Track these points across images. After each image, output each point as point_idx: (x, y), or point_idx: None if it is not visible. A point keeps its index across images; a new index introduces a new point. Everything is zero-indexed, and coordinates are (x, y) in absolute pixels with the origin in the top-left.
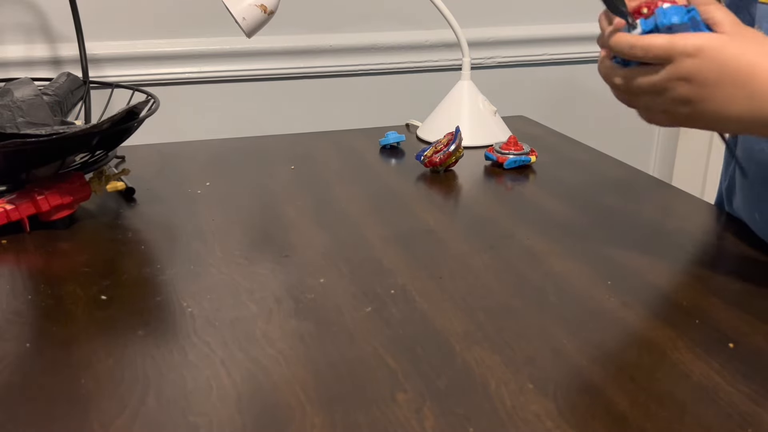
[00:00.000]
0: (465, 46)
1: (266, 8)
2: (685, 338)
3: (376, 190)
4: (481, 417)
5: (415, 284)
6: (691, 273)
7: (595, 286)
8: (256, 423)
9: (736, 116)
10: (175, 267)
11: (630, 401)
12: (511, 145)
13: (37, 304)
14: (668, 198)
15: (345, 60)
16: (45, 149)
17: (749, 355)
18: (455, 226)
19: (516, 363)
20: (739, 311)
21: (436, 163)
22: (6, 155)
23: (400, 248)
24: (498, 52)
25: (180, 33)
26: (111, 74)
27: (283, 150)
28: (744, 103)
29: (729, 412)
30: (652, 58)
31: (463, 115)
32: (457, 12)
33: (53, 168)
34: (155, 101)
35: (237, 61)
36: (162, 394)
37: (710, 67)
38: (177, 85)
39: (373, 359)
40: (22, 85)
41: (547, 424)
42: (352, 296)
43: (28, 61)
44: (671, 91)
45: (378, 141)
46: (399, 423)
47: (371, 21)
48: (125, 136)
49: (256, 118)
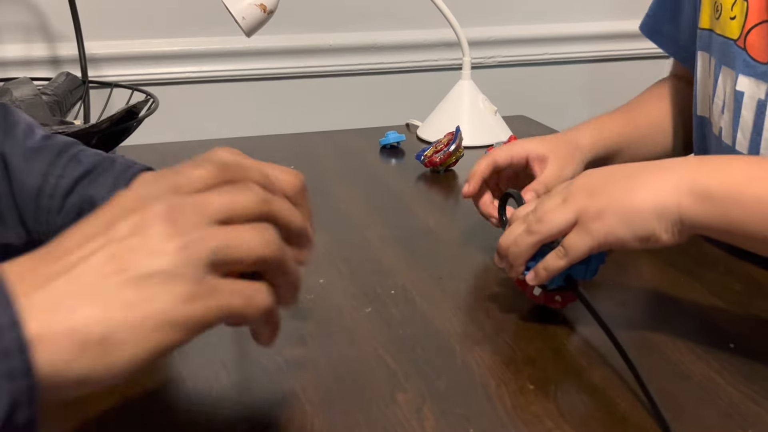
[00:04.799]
0: (465, 46)
1: (266, 7)
2: (685, 338)
3: (376, 190)
4: (481, 417)
5: (415, 284)
6: (691, 273)
7: (595, 286)
8: (257, 423)
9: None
10: None
11: (630, 401)
12: None
13: None
14: None
15: (345, 59)
16: None
17: (749, 355)
18: (455, 226)
19: (516, 363)
20: (739, 311)
21: (436, 163)
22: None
23: (400, 248)
24: (498, 52)
25: (179, 32)
26: (110, 74)
27: (283, 150)
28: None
29: (729, 413)
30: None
31: (464, 114)
32: (457, 11)
33: None
34: (154, 101)
35: (236, 61)
36: (162, 394)
37: (598, 173)
38: (176, 84)
39: (373, 359)
40: (21, 85)
41: (547, 424)
42: (352, 296)
43: (27, 60)
44: (571, 186)
45: (378, 141)
46: (399, 423)
47: (371, 20)
48: (124, 135)
49: (256, 117)
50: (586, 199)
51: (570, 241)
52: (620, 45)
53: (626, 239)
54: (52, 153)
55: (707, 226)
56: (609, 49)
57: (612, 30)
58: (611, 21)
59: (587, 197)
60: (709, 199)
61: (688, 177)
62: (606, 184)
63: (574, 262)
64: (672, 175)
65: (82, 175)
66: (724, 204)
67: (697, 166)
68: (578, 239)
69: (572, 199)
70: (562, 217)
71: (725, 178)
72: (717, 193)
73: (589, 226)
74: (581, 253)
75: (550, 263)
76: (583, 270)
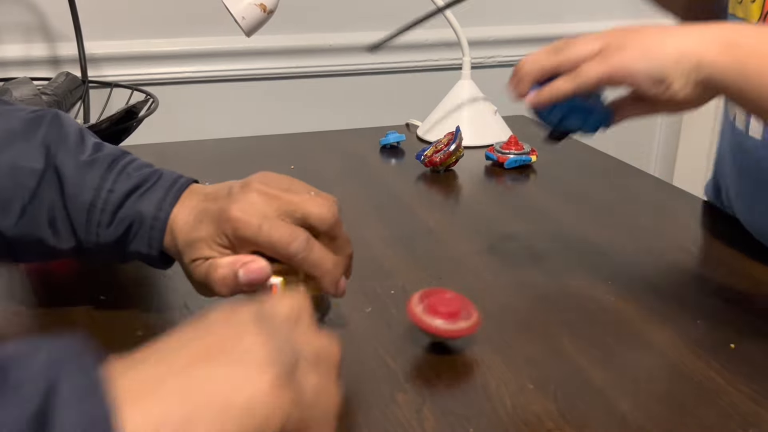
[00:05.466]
0: (465, 46)
1: (265, 7)
2: (685, 338)
3: (376, 190)
4: (481, 417)
5: (415, 284)
6: (691, 273)
7: (595, 286)
8: None
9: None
10: (175, 267)
11: (630, 401)
12: (512, 145)
13: (37, 304)
14: (668, 198)
15: (345, 59)
16: None
17: (749, 355)
18: (455, 226)
19: (516, 363)
20: (739, 311)
21: (436, 163)
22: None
23: (400, 248)
24: (498, 52)
25: (179, 32)
26: (110, 74)
27: (283, 150)
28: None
29: (729, 412)
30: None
31: (464, 114)
32: (457, 11)
33: None
34: (154, 101)
35: (236, 61)
36: None
37: (640, 26)
38: (176, 84)
39: (373, 359)
40: (20, 85)
41: (547, 424)
42: (352, 296)
43: (27, 60)
44: (605, 36)
45: (378, 141)
46: (399, 423)
47: (371, 20)
48: (124, 135)
49: (256, 117)
50: (615, 36)
51: (585, 65)
52: None
53: (639, 75)
54: (102, 166)
55: (723, 77)
56: None
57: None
58: (611, 21)
59: (618, 36)
60: (733, 47)
61: (720, 31)
62: (641, 30)
63: (581, 89)
64: (705, 30)
65: (131, 190)
66: (746, 55)
67: (732, 25)
68: (593, 64)
69: (604, 36)
70: (587, 47)
71: (756, 36)
72: (743, 45)
73: (608, 56)
74: (591, 80)
75: (557, 85)
76: (581, 120)
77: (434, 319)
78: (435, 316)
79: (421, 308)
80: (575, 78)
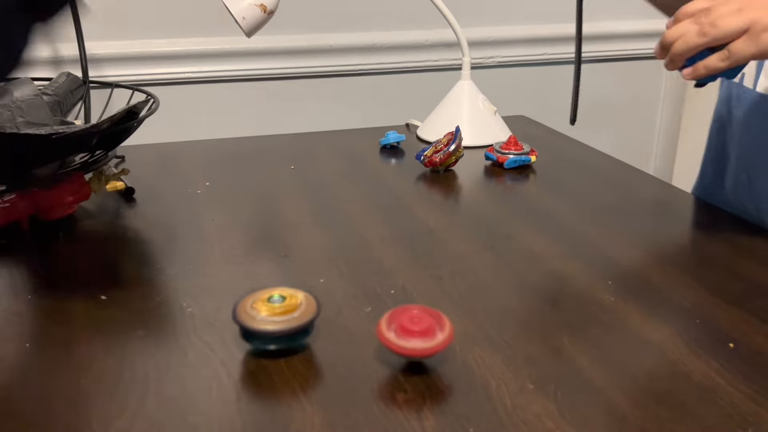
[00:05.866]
0: (465, 46)
1: (266, 8)
2: (685, 338)
3: (376, 190)
4: (481, 417)
5: (415, 284)
6: (691, 273)
7: (595, 286)
8: (256, 423)
9: None
10: (175, 267)
11: (630, 401)
12: (512, 145)
13: (37, 304)
14: (668, 198)
15: (345, 60)
16: (44, 149)
17: (749, 355)
18: (455, 226)
19: (516, 363)
20: (739, 311)
21: (436, 163)
22: (5, 154)
23: (400, 248)
24: (498, 52)
25: (180, 33)
26: (111, 74)
27: (283, 150)
28: None
29: (729, 412)
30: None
31: (463, 114)
32: (457, 12)
33: (53, 168)
34: (155, 101)
35: (237, 61)
36: (162, 394)
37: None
38: (177, 84)
39: (373, 359)
40: (21, 85)
41: (547, 424)
42: (352, 296)
43: (27, 60)
44: (747, 11)
45: (378, 141)
46: (399, 423)
47: (371, 20)
48: (125, 135)
49: (256, 117)
50: (762, 10)
51: (736, 46)
52: (620, 45)
53: None
54: None
55: None
56: (609, 49)
57: (612, 30)
58: (611, 21)
59: (762, 8)
60: None
61: None
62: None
63: (734, 66)
64: None
65: None
66: None
67: None
68: (744, 46)
69: (749, 9)
70: (735, 25)
71: None
72: None
73: (759, 36)
74: (744, 60)
75: (712, 64)
76: (726, 75)
77: (409, 340)
78: (410, 337)
79: (393, 334)
80: (729, 58)
